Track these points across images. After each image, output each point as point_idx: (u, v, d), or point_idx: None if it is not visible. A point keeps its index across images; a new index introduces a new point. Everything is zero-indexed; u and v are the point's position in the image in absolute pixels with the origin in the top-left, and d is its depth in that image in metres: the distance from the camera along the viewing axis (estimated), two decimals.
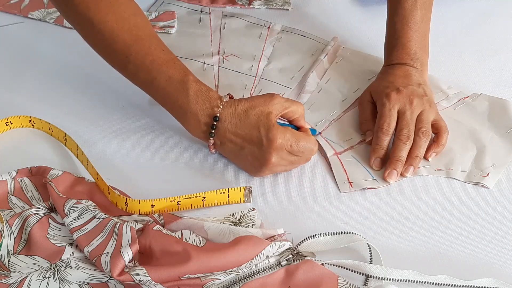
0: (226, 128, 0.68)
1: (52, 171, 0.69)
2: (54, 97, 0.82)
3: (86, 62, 0.87)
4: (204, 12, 0.97)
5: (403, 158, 0.71)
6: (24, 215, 0.64)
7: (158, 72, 0.70)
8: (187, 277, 0.58)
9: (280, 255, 0.61)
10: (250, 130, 0.67)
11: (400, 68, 0.78)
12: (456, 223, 0.67)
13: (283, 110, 0.69)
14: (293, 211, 0.68)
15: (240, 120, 0.68)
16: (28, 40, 0.92)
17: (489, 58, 0.89)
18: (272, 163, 0.67)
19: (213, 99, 0.69)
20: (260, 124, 0.67)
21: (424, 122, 0.73)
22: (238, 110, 0.68)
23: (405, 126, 0.72)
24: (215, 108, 0.68)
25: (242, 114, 0.68)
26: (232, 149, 0.70)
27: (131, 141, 0.76)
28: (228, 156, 0.72)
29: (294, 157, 0.69)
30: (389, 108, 0.74)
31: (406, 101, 0.74)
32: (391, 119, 0.73)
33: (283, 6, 0.99)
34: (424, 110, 0.74)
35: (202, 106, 0.69)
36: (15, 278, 0.60)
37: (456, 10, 0.98)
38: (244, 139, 0.68)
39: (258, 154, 0.68)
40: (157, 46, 0.72)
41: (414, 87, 0.76)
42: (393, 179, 0.71)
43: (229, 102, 0.69)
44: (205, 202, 0.68)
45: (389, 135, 0.73)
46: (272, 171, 0.70)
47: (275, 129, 0.66)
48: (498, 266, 0.63)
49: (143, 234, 0.62)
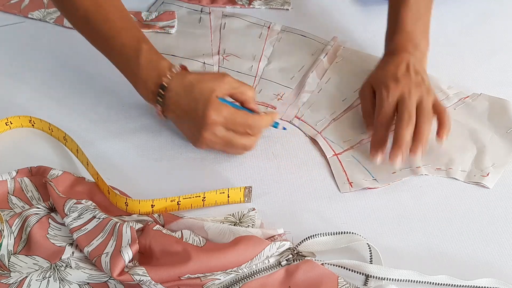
0: (170, 97, 0.70)
1: (52, 171, 0.69)
2: (54, 97, 0.83)
3: (86, 62, 0.87)
4: (204, 12, 0.97)
5: (407, 140, 0.70)
6: (24, 215, 0.64)
7: (113, 39, 0.73)
8: (187, 277, 0.58)
9: (280, 255, 0.61)
10: (191, 102, 0.69)
11: (400, 56, 0.78)
12: (456, 223, 0.67)
13: (230, 89, 0.70)
14: (293, 211, 0.68)
15: (185, 92, 0.69)
16: (28, 40, 0.92)
17: (489, 58, 0.89)
18: (205, 137, 0.69)
19: (162, 69, 0.71)
20: (201, 98, 0.68)
21: (425, 110, 0.72)
22: (185, 81, 0.70)
23: (405, 109, 0.72)
24: (163, 77, 0.70)
25: (188, 86, 0.70)
26: (175, 118, 0.73)
27: (131, 141, 0.76)
28: (174, 122, 0.75)
29: (229, 134, 0.69)
30: (387, 100, 0.73)
31: (404, 91, 0.73)
32: (390, 111, 0.73)
33: (283, 6, 0.99)
34: (423, 98, 0.74)
35: (150, 74, 0.71)
36: (15, 278, 0.60)
37: (456, 10, 0.98)
38: (184, 111, 0.70)
39: (194, 127, 0.70)
40: (116, 13, 0.74)
41: (412, 75, 0.75)
42: (398, 163, 0.70)
43: (179, 73, 0.71)
44: (205, 202, 0.68)
45: (388, 128, 0.73)
46: (209, 146, 0.72)
47: (212, 105, 0.68)
48: (498, 266, 0.63)
49: (143, 234, 0.62)
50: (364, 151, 0.75)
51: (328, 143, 0.76)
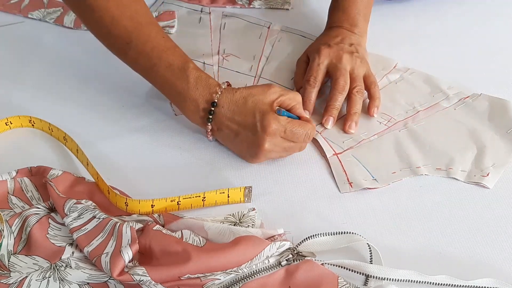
0: (223, 114, 0.70)
1: (52, 171, 0.69)
2: (54, 97, 0.83)
3: (86, 62, 0.87)
4: (204, 12, 0.97)
5: (338, 105, 0.76)
6: (24, 215, 0.64)
7: (158, 58, 0.71)
8: (187, 277, 0.58)
9: (280, 255, 0.61)
10: (246, 116, 0.69)
11: (337, 30, 0.83)
12: (456, 223, 0.67)
13: (280, 97, 0.70)
14: (293, 211, 0.68)
15: (238, 106, 0.69)
16: (28, 40, 0.92)
17: (489, 58, 0.89)
18: (266, 148, 0.68)
19: (212, 86, 0.70)
20: (256, 110, 0.68)
21: (357, 80, 0.77)
22: (236, 96, 0.69)
23: (340, 76, 0.77)
24: (214, 94, 0.70)
25: (240, 100, 0.69)
26: (228, 135, 0.71)
27: (131, 141, 0.76)
28: (224, 142, 0.74)
29: (288, 143, 0.70)
30: (317, 63, 0.78)
31: (334, 56, 0.78)
32: (318, 73, 0.78)
33: (283, 6, 0.99)
34: (354, 66, 0.78)
35: (201, 93, 0.70)
36: (15, 278, 0.60)
37: (456, 10, 0.98)
38: (239, 125, 0.69)
39: (252, 140, 0.69)
40: (157, 33, 0.73)
41: (346, 45, 0.80)
42: (330, 125, 0.76)
43: (227, 89, 0.70)
44: (205, 202, 0.68)
45: (316, 87, 0.77)
46: (267, 157, 0.71)
47: (269, 115, 0.68)
48: (498, 266, 0.63)
49: (143, 234, 0.62)
50: (365, 151, 0.75)
51: (328, 143, 0.76)
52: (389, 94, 0.82)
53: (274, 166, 0.73)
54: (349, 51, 0.79)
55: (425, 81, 0.83)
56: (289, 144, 0.70)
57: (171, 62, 0.71)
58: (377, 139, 0.76)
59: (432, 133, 0.76)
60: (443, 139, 0.75)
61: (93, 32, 0.75)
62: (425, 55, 0.89)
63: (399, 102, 0.81)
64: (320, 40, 0.83)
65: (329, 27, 0.85)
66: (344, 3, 0.84)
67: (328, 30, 0.85)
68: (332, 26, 0.85)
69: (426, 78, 0.84)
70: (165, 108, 0.80)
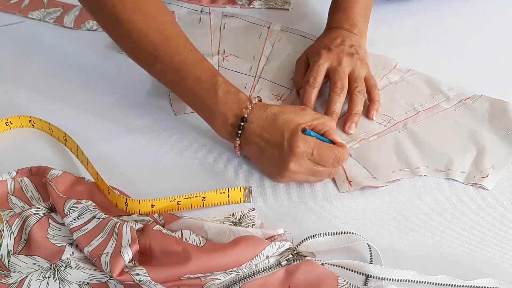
0: (252, 129, 0.68)
1: (52, 171, 0.69)
2: (54, 97, 0.83)
3: (86, 62, 0.87)
4: (204, 12, 0.97)
5: (338, 110, 0.76)
6: (24, 215, 0.64)
7: (186, 72, 0.70)
8: (187, 277, 0.58)
9: (280, 255, 0.61)
10: (275, 133, 0.67)
11: (337, 31, 0.83)
12: (456, 223, 0.67)
13: (312, 121, 0.68)
14: (293, 211, 0.68)
15: (268, 123, 0.68)
16: (28, 40, 0.92)
17: (489, 58, 0.89)
18: (291, 169, 0.66)
19: (242, 101, 0.69)
20: (285, 129, 0.67)
21: (358, 81, 0.78)
22: (267, 113, 0.68)
23: (338, 79, 0.77)
24: (244, 109, 0.69)
25: (270, 117, 0.68)
26: (255, 151, 0.70)
27: (131, 141, 0.76)
28: (251, 157, 0.72)
29: (316, 166, 0.68)
30: (318, 64, 0.78)
31: (335, 59, 0.78)
32: (318, 74, 0.78)
33: (283, 6, 0.99)
34: (355, 68, 0.78)
35: (230, 107, 0.69)
36: (15, 278, 0.60)
37: (456, 10, 0.98)
38: (267, 142, 0.68)
39: (278, 158, 0.67)
40: (185, 46, 0.72)
41: (346, 47, 0.80)
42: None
43: (258, 104, 0.69)
44: (205, 202, 0.68)
45: (315, 88, 0.77)
46: (291, 179, 0.69)
47: (298, 136, 0.66)
48: (498, 266, 0.63)
49: (143, 234, 0.62)
50: (364, 151, 0.75)
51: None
52: (389, 95, 0.82)
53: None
54: (349, 53, 0.79)
55: (426, 82, 0.83)
56: (317, 168, 0.68)
57: (199, 75, 0.70)
58: (377, 140, 0.76)
59: (431, 134, 0.76)
60: (442, 140, 0.75)
61: (120, 45, 0.74)
62: (425, 55, 0.89)
63: (399, 102, 0.81)
64: (320, 42, 0.83)
65: (329, 28, 0.85)
66: (344, 4, 0.84)
67: (328, 31, 0.85)
68: (332, 26, 0.85)
69: (427, 79, 0.84)
70: (165, 108, 0.80)
